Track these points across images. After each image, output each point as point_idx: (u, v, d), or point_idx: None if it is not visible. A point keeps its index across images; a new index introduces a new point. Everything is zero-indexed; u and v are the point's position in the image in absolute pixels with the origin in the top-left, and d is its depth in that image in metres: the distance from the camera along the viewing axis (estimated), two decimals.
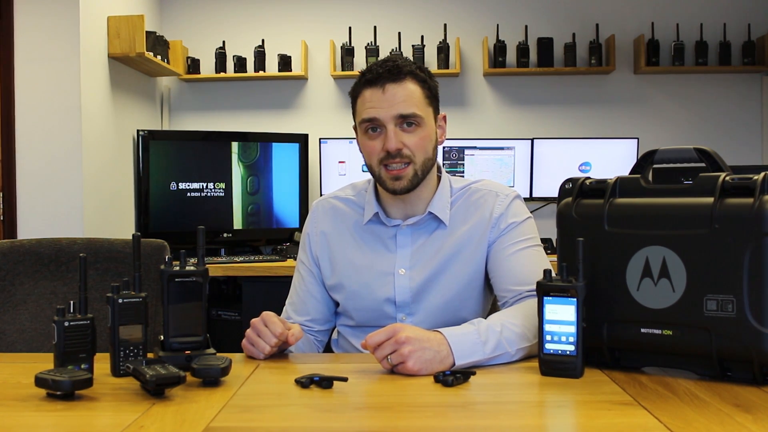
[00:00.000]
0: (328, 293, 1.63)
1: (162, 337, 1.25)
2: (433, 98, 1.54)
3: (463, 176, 3.49)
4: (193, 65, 3.95)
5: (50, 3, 3.05)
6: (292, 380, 1.18)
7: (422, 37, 3.88)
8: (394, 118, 1.47)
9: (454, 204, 1.59)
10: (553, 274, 1.22)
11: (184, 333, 1.25)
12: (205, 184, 3.66)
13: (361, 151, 1.58)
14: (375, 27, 3.89)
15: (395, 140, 1.47)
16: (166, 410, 1.04)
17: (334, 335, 1.70)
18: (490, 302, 1.63)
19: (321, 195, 3.79)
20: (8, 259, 1.73)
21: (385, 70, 1.48)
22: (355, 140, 1.60)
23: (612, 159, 3.73)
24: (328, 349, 1.69)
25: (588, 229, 1.23)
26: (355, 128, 1.59)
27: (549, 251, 3.29)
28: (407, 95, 1.48)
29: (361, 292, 1.56)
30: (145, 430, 0.95)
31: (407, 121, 1.48)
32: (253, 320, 1.36)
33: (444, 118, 1.60)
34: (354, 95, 1.55)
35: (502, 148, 3.77)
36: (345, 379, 1.17)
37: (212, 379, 1.17)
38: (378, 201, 1.60)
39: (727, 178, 1.13)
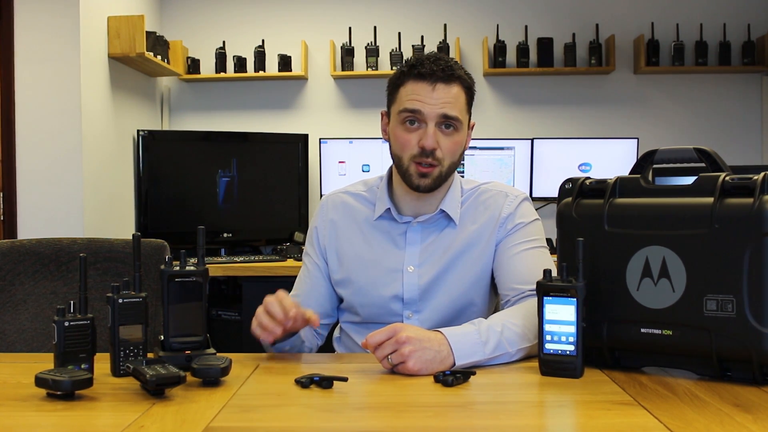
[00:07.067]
0: (333, 288, 1.64)
1: (162, 337, 1.25)
2: (471, 106, 1.56)
3: (463, 176, 3.49)
4: (193, 65, 3.95)
5: (50, 3, 3.05)
6: (292, 380, 1.18)
7: (422, 37, 3.88)
8: (438, 117, 1.48)
9: (464, 203, 1.60)
10: (553, 274, 1.22)
11: (184, 333, 1.25)
12: (205, 185, 3.66)
13: (388, 140, 1.58)
14: (375, 27, 3.89)
15: (433, 139, 1.48)
16: (166, 410, 1.04)
17: (336, 332, 1.70)
18: (496, 303, 1.63)
19: (321, 195, 3.80)
20: (8, 259, 1.73)
21: (439, 69, 1.48)
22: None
23: (612, 159, 3.73)
24: (329, 346, 1.69)
25: (588, 229, 1.23)
26: (384, 114, 1.60)
27: (549, 251, 3.28)
28: (454, 98, 1.49)
29: (369, 288, 1.57)
30: (145, 430, 0.95)
31: (447, 122, 1.49)
32: (267, 298, 1.34)
33: (473, 126, 1.60)
34: (397, 83, 1.54)
35: (502, 148, 3.77)
36: (345, 379, 1.17)
37: (212, 379, 1.17)
38: (390, 197, 1.60)
39: (727, 178, 1.13)
